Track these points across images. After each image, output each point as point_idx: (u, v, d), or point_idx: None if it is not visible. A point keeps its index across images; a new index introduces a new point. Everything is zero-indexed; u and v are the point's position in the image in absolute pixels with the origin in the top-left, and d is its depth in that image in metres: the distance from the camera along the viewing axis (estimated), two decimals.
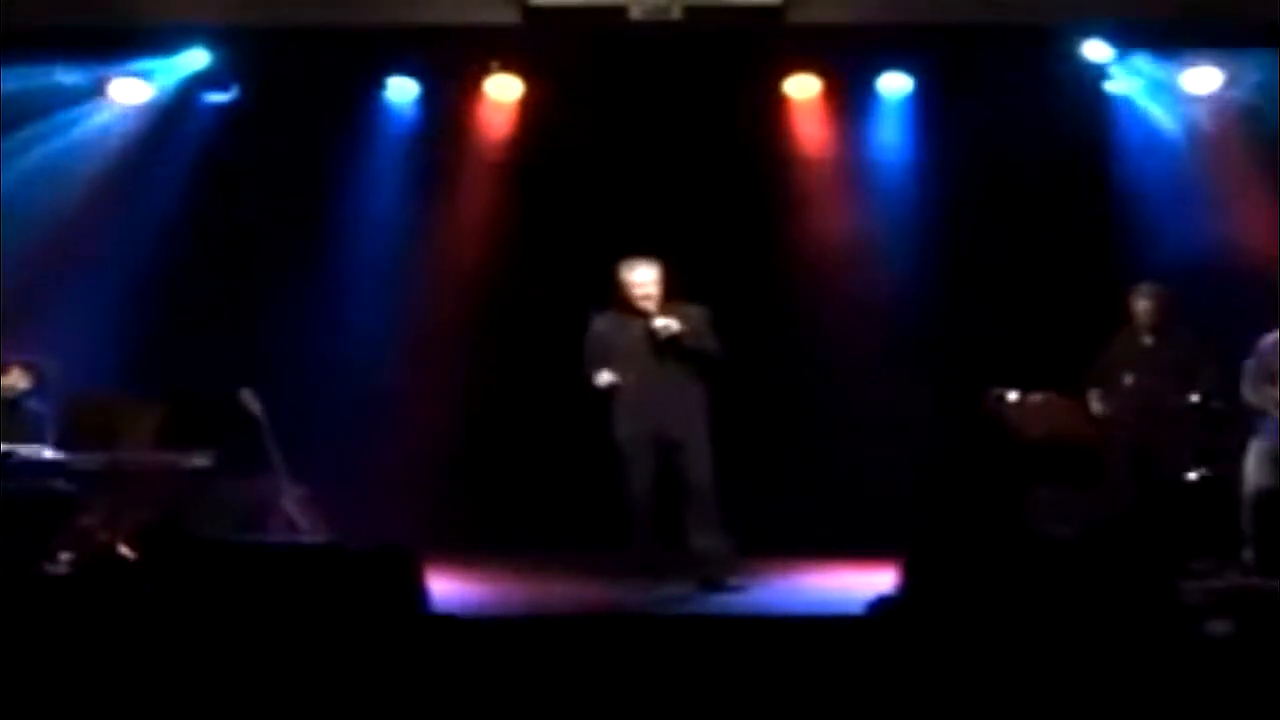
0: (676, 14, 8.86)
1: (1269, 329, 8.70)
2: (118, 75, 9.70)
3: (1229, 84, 9.65)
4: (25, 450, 8.84)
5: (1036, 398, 9.42)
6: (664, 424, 8.45)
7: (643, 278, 8.50)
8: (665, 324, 8.43)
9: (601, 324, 8.62)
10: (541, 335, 10.32)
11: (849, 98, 10.26)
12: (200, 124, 9.98)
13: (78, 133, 9.79)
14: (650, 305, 8.49)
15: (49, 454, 8.93)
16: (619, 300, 8.59)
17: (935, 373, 10.10)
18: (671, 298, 8.57)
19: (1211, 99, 9.75)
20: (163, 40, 9.40)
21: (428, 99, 10.25)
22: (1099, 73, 9.69)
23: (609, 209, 10.25)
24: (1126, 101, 9.90)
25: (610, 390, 8.48)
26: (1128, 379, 8.95)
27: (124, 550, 8.24)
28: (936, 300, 10.20)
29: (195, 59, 9.55)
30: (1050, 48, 9.47)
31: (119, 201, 9.94)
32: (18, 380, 9.02)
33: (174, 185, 10.00)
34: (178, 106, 9.90)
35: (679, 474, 8.50)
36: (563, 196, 10.35)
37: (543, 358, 10.30)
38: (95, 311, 9.73)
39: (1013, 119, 9.78)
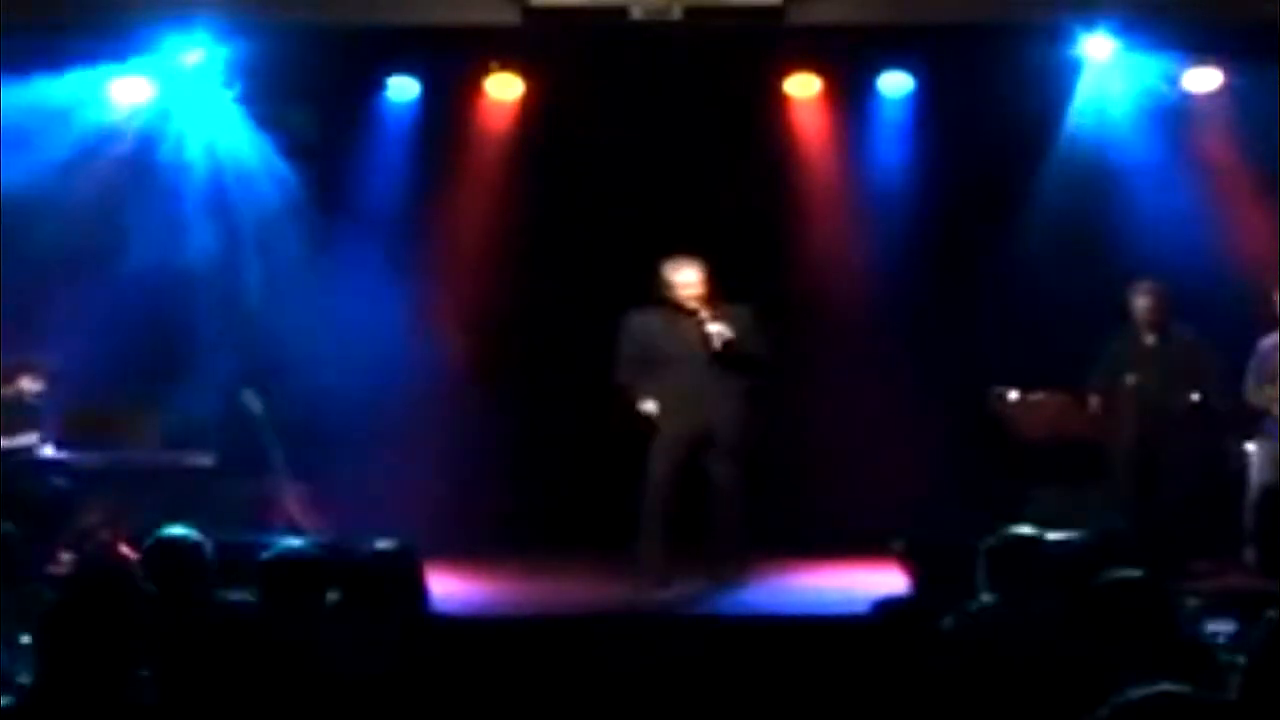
0: (676, 14, 8.85)
1: (1269, 329, 8.70)
2: (118, 75, 9.69)
3: (1229, 82, 9.65)
4: (26, 440, 8.84)
5: (1036, 398, 9.43)
6: (702, 424, 8.44)
7: (688, 278, 8.44)
8: (720, 331, 8.37)
9: (642, 323, 8.56)
10: (542, 334, 10.34)
11: (849, 97, 10.27)
12: (202, 123, 9.97)
13: (80, 134, 9.77)
14: (697, 305, 8.42)
15: (49, 454, 8.93)
16: (662, 300, 8.54)
17: (935, 372, 10.09)
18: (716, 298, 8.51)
19: (1211, 98, 9.75)
20: (163, 38, 9.39)
21: (428, 99, 10.25)
22: (1099, 72, 9.68)
23: (609, 208, 10.25)
24: (1126, 100, 9.89)
25: (650, 384, 8.49)
26: (1129, 378, 8.94)
27: (124, 550, 8.23)
28: (937, 300, 10.20)
29: (196, 59, 9.54)
30: (1050, 47, 9.46)
31: (120, 201, 9.93)
32: (30, 385, 9.02)
33: (175, 184, 9.99)
34: (178, 106, 9.90)
35: (707, 469, 8.48)
36: (563, 196, 10.34)
37: (544, 356, 10.32)
38: (97, 311, 9.71)
39: (1013, 118, 9.78)
